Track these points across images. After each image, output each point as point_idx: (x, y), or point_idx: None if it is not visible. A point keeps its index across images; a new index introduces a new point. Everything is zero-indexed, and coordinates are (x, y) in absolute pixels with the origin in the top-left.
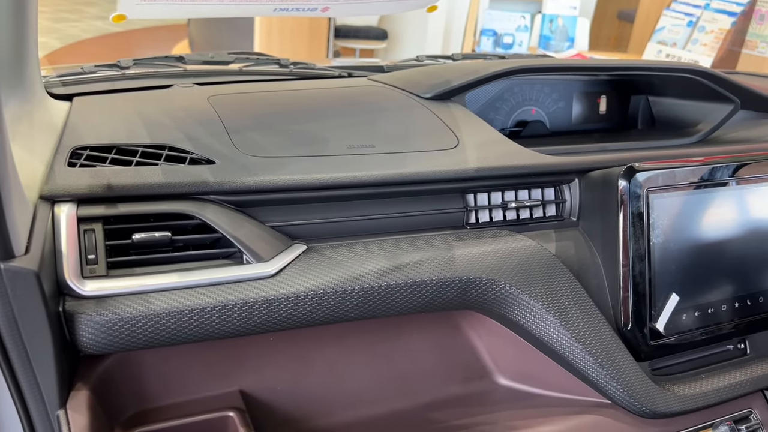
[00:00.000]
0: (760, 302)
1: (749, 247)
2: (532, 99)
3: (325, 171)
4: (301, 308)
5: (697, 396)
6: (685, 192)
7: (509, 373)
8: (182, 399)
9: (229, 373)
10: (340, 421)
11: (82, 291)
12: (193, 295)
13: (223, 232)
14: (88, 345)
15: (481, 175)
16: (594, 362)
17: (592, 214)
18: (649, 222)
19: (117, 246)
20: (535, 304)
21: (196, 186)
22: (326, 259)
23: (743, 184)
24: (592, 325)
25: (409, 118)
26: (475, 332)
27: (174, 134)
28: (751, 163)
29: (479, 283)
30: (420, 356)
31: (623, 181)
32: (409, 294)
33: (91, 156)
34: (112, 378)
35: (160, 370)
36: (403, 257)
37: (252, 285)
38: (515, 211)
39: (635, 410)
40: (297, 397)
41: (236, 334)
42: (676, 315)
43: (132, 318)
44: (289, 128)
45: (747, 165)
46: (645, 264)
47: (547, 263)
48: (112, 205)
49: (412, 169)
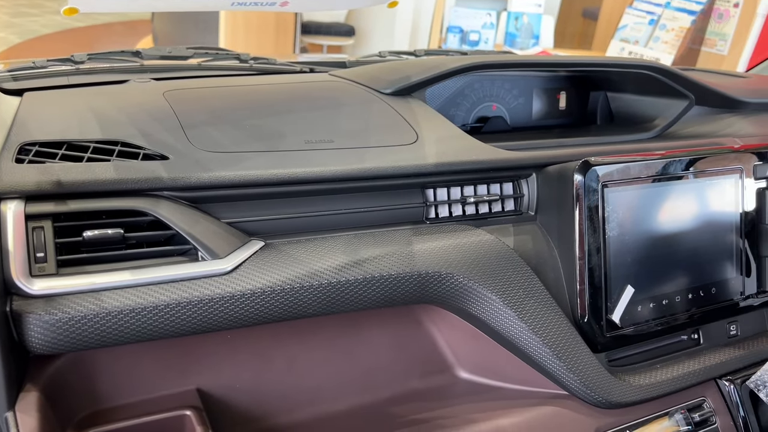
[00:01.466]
0: (713, 293)
1: (702, 240)
2: (492, 95)
3: (282, 166)
4: (259, 305)
5: (652, 386)
6: (639, 186)
7: (469, 367)
8: (137, 398)
9: (186, 372)
10: (301, 418)
11: (31, 290)
12: (147, 293)
13: (177, 228)
14: (37, 345)
15: (441, 170)
16: (551, 354)
17: (549, 209)
18: (605, 215)
19: (67, 244)
20: (493, 298)
21: (150, 182)
22: (284, 255)
23: (696, 178)
24: (549, 317)
25: (369, 113)
26: (436, 326)
27: (127, 130)
28: (704, 157)
29: (438, 278)
30: (380, 351)
31: (578, 175)
32: (369, 289)
33: (40, 152)
34: (64, 378)
35: (114, 370)
36: (362, 252)
37: (207, 282)
38: (474, 206)
39: (592, 401)
40: (256, 394)
41: (192, 332)
42: (631, 307)
43: (83, 317)
44: (246, 123)
45: (700, 159)
46: (600, 257)
47: (505, 257)
48: (62, 202)
49: (371, 165)
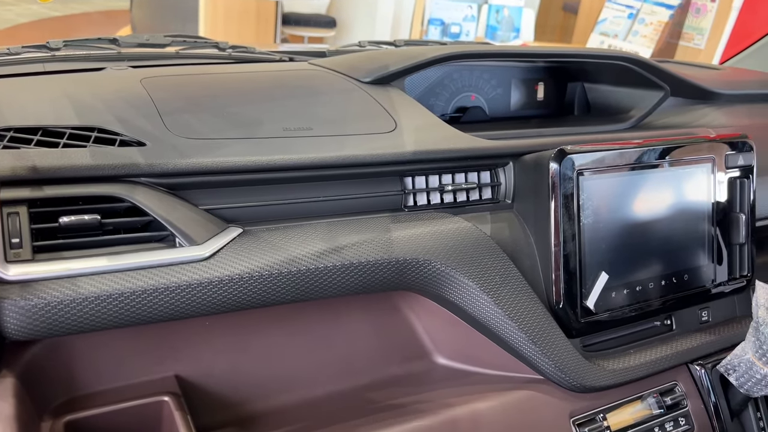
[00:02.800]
0: (686, 280)
1: (675, 228)
2: (471, 85)
3: (260, 153)
4: (237, 291)
5: (625, 370)
6: (614, 174)
7: (447, 353)
8: (115, 385)
9: (164, 358)
10: (279, 404)
11: (6, 275)
12: (124, 278)
13: (154, 215)
14: (12, 331)
15: (419, 158)
16: (527, 339)
17: (525, 197)
18: (579, 203)
19: (43, 230)
20: (470, 284)
21: (126, 168)
22: (262, 242)
23: (670, 167)
24: (524, 303)
25: (347, 101)
26: (414, 313)
27: (104, 116)
28: (678, 146)
29: (416, 264)
30: (359, 337)
31: (554, 163)
32: (347, 275)
33: (15, 138)
34: (40, 365)
35: (91, 356)
36: (340, 239)
37: (185, 268)
38: (452, 194)
39: (567, 385)
40: (235, 381)
41: (169, 318)
42: (605, 293)
43: (59, 302)
44: (224, 110)
45: (674, 148)
46: (575, 244)
47: (482, 244)
48: (37, 188)
49: (350, 152)
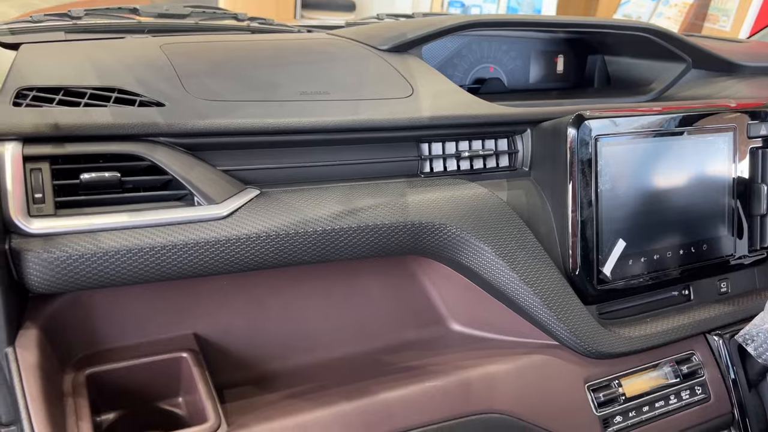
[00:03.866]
0: (704, 250)
1: (694, 197)
2: (490, 56)
3: (277, 115)
4: (254, 250)
5: (641, 338)
6: (633, 140)
7: (462, 319)
8: (135, 341)
9: (183, 317)
10: (295, 364)
11: (29, 229)
12: (143, 234)
13: (173, 173)
14: (36, 283)
15: (435, 123)
16: (542, 304)
17: (543, 164)
18: (597, 169)
19: (65, 186)
20: (486, 248)
21: (146, 127)
22: (279, 203)
23: (690, 135)
24: (540, 268)
25: (365, 67)
26: (429, 279)
27: (124, 78)
28: (699, 114)
29: (431, 228)
30: (374, 302)
31: (572, 128)
32: (362, 237)
33: (38, 97)
34: (62, 319)
35: (112, 313)
36: (357, 202)
37: (203, 226)
38: (469, 161)
39: (581, 350)
40: (252, 340)
41: (187, 275)
42: (622, 260)
43: (80, 256)
44: (242, 74)
45: (694, 117)
46: (593, 210)
47: (498, 210)
48: (59, 145)
49: (366, 116)
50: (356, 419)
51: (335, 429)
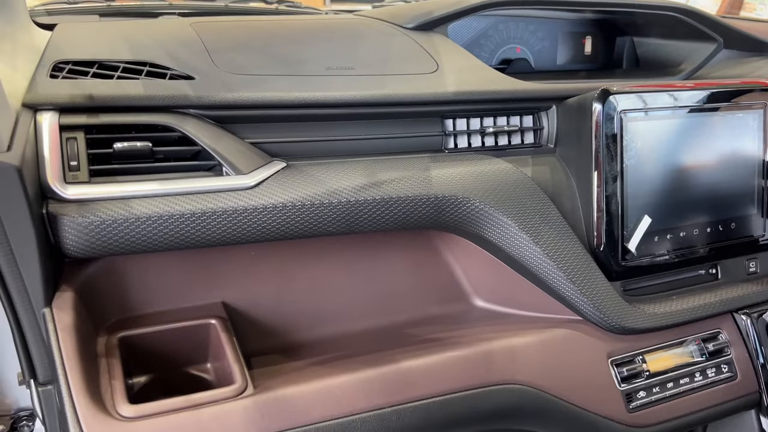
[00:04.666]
0: (732, 229)
1: (723, 174)
2: (517, 37)
3: (304, 89)
4: (280, 219)
5: (666, 314)
6: (659, 116)
7: (485, 295)
8: (165, 308)
9: (212, 286)
10: (320, 335)
11: (65, 194)
12: (174, 201)
13: (202, 144)
14: (71, 247)
15: (460, 98)
16: (565, 278)
17: (568, 140)
18: (623, 144)
19: (99, 155)
20: (509, 223)
21: (176, 99)
22: (305, 175)
23: (719, 112)
24: (564, 243)
25: (390, 44)
26: (453, 255)
27: (155, 53)
28: (727, 91)
29: (454, 201)
30: (399, 277)
31: (597, 103)
32: (386, 209)
33: (73, 70)
34: (96, 284)
35: (144, 280)
36: (380, 175)
37: (231, 195)
38: (493, 137)
39: (605, 325)
40: (278, 310)
41: (215, 243)
42: (648, 237)
43: (113, 221)
44: (269, 50)
45: (723, 93)
46: (618, 185)
47: (522, 184)
48: (93, 115)
49: (390, 91)
50: (378, 385)
51: (357, 394)
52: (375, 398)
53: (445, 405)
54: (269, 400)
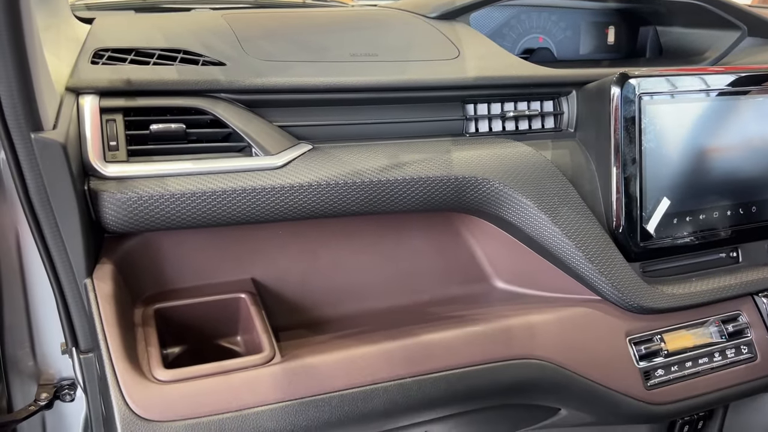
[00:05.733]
0: (753, 212)
1: (743, 158)
2: (539, 27)
3: (329, 75)
4: (306, 198)
5: (686, 295)
6: (678, 100)
7: (506, 277)
8: (198, 283)
9: (242, 263)
10: (345, 312)
11: (105, 172)
12: (206, 180)
13: (233, 127)
14: (110, 222)
15: (481, 83)
16: (584, 258)
17: (588, 124)
18: (641, 127)
19: (136, 136)
20: (528, 203)
21: (208, 84)
22: (330, 157)
23: (739, 96)
24: (583, 223)
25: (412, 32)
26: (474, 237)
27: (188, 41)
28: (748, 75)
29: (475, 182)
30: (421, 258)
31: (616, 87)
32: (408, 190)
33: (112, 57)
34: (133, 259)
35: (178, 256)
36: (403, 157)
37: (260, 174)
38: (514, 122)
39: (624, 305)
40: (305, 287)
41: (245, 220)
42: (667, 219)
43: (150, 197)
44: (296, 38)
45: (744, 77)
46: (637, 167)
47: (542, 167)
48: (131, 99)
49: (412, 76)
50: (399, 356)
51: (379, 363)
52: (397, 369)
53: (464, 377)
54: (296, 368)
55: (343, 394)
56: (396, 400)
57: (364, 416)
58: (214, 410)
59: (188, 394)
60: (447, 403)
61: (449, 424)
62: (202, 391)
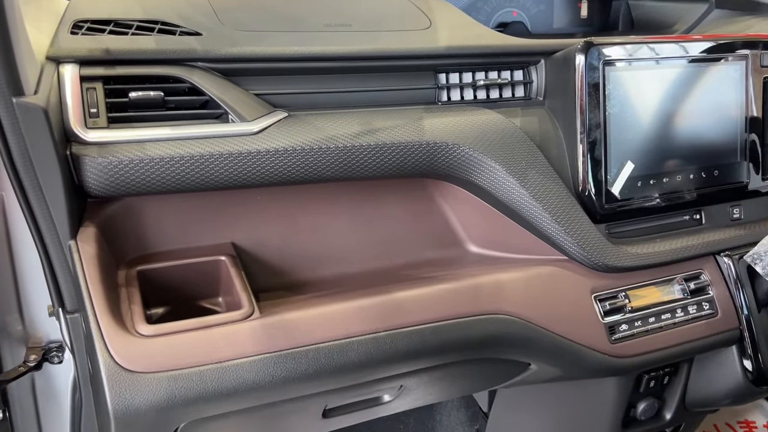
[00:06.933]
0: (715, 176)
1: (705, 124)
2: (513, 1)
3: (303, 44)
4: (282, 163)
5: (649, 255)
6: (641, 67)
7: (478, 241)
8: (179, 247)
9: (222, 227)
10: (324, 275)
11: (86, 137)
12: (184, 145)
13: (210, 94)
14: (93, 185)
15: (452, 53)
16: (551, 219)
17: (556, 93)
18: (605, 93)
19: (116, 104)
20: (497, 168)
21: (185, 53)
22: (305, 123)
23: (701, 63)
24: (550, 186)
25: (385, 3)
26: (447, 202)
27: (166, 12)
28: (709, 42)
29: (446, 148)
30: (397, 224)
31: (580, 54)
32: (382, 156)
33: (91, 27)
34: (116, 223)
35: (159, 220)
36: (376, 123)
37: (237, 140)
38: (485, 91)
39: (589, 263)
40: (284, 251)
41: (223, 185)
42: (631, 181)
43: (130, 162)
44: (271, 9)
45: (705, 44)
46: (601, 132)
47: (510, 133)
48: (110, 67)
49: (385, 45)
50: (373, 311)
51: (354, 318)
52: (371, 323)
53: (436, 331)
54: (274, 323)
55: (319, 347)
56: (370, 352)
57: (339, 368)
58: (195, 362)
59: (170, 348)
60: (420, 356)
61: (424, 378)
62: (184, 344)
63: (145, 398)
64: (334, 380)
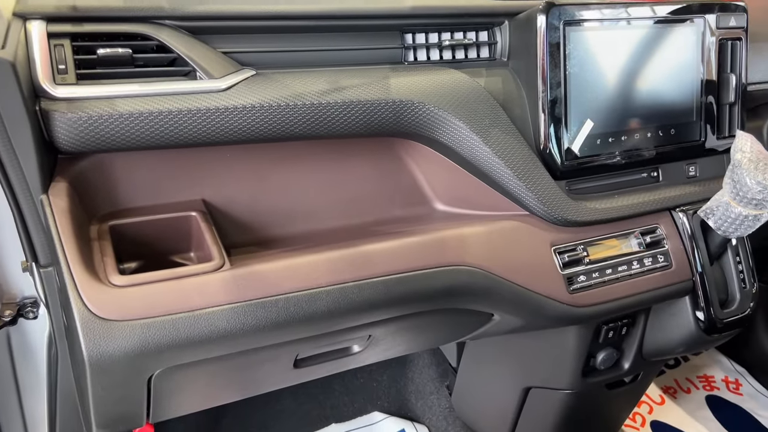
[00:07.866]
0: (672, 134)
1: (663, 84)
2: None
3: (270, 3)
4: (250, 120)
5: (607, 209)
6: (601, 27)
7: (445, 199)
8: (150, 203)
9: (193, 184)
10: (294, 232)
11: (55, 93)
12: (153, 101)
13: (178, 52)
14: (63, 141)
15: (417, 13)
16: (513, 176)
17: (519, 53)
18: (566, 53)
19: (84, 61)
20: (461, 126)
21: (153, 11)
22: (272, 81)
23: (659, 24)
24: (512, 143)
25: None
26: (415, 162)
27: None
28: (668, 4)
29: (411, 106)
30: (366, 181)
31: (542, 15)
32: (348, 113)
33: None
34: (87, 178)
35: (130, 177)
36: (343, 81)
37: (205, 96)
38: (451, 51)
39: (548, 217)
40: (254, 208)
41: (193, 141)
42: (591, 139)
43: (99, 117)
44: None
45: (663, 6)
46: (561, 91)
47: (474, 92)
48: (78, 24)
49: (352, 5)
50: (341, 263)
51: (322, 270)
52: (338, 274)
53: (402, 281)
54: (244, 274)
55: (288, 297)
56: (338, 302)
57: (308, 317)
58: (168, 311)
59: (143, 297)
60: (386, 306)
61: (391, 328)
62: (156, 294)
63: (119, 345)
64: (303, 328)
